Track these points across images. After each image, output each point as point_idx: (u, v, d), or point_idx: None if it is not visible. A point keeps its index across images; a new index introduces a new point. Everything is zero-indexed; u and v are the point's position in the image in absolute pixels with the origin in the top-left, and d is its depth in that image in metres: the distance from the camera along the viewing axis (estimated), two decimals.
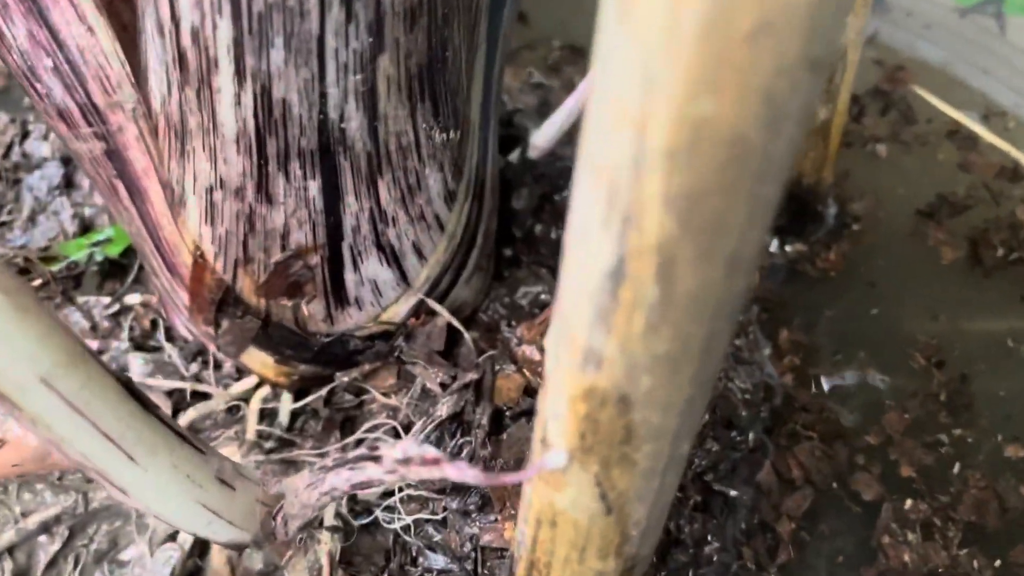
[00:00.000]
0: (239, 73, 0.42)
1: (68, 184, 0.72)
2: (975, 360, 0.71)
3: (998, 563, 0.59)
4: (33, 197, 0.71)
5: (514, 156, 0.75)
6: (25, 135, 0.77)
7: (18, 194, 0.72)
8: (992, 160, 0.88)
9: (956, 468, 0.64)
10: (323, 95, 0.44)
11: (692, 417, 0.33)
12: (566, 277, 0.30)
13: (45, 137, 0.76)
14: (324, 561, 0.51)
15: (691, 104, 0.23)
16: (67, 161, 0.74)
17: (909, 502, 0.61)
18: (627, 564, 0.39)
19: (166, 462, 0.39)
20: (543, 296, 0.65)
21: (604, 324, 0.29)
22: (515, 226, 0.71)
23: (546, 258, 0.69)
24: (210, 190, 0.49)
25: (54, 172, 0.72)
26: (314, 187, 0.48)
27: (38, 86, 0.49)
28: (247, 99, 0.43)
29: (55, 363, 0.32)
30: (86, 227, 0.70)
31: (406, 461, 0.36)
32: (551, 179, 0.75)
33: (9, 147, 0.75)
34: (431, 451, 0.35)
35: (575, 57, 1.03)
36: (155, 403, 0.39)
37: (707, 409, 0.56)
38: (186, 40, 0.41)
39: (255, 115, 0.44)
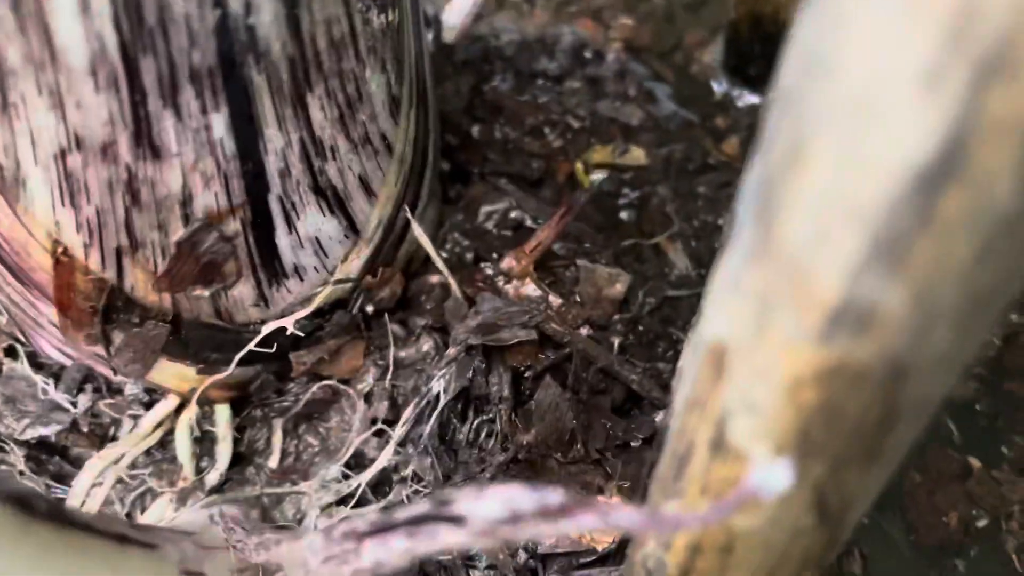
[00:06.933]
0: None
1: None
2: None
3: None
4: None
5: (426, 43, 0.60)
6: None
7: None
8: None
9: None
10: None
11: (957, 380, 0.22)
12: None
13: None
14: None
15: None
16: None
17: None
18: (819, 572, 0.28)
19: None
20: (512, 214, 0.52)
21: (890, 256, 0.17)
22: (448, 131, 0.57)
23: (499, 164, 0.55)
24: (60, 155, 0.32)
25: None
26: (219, 122, 0.33)
27: None
28: (98, 1, 0.27)
29: None
30: None
31: (513, 519, 0.23)
32: (476, 66, 0.61)
33: None
34: (553, 497, 0.23)
35: None
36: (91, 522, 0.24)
37: None
38: None
39: (116, 26, 0.28)
